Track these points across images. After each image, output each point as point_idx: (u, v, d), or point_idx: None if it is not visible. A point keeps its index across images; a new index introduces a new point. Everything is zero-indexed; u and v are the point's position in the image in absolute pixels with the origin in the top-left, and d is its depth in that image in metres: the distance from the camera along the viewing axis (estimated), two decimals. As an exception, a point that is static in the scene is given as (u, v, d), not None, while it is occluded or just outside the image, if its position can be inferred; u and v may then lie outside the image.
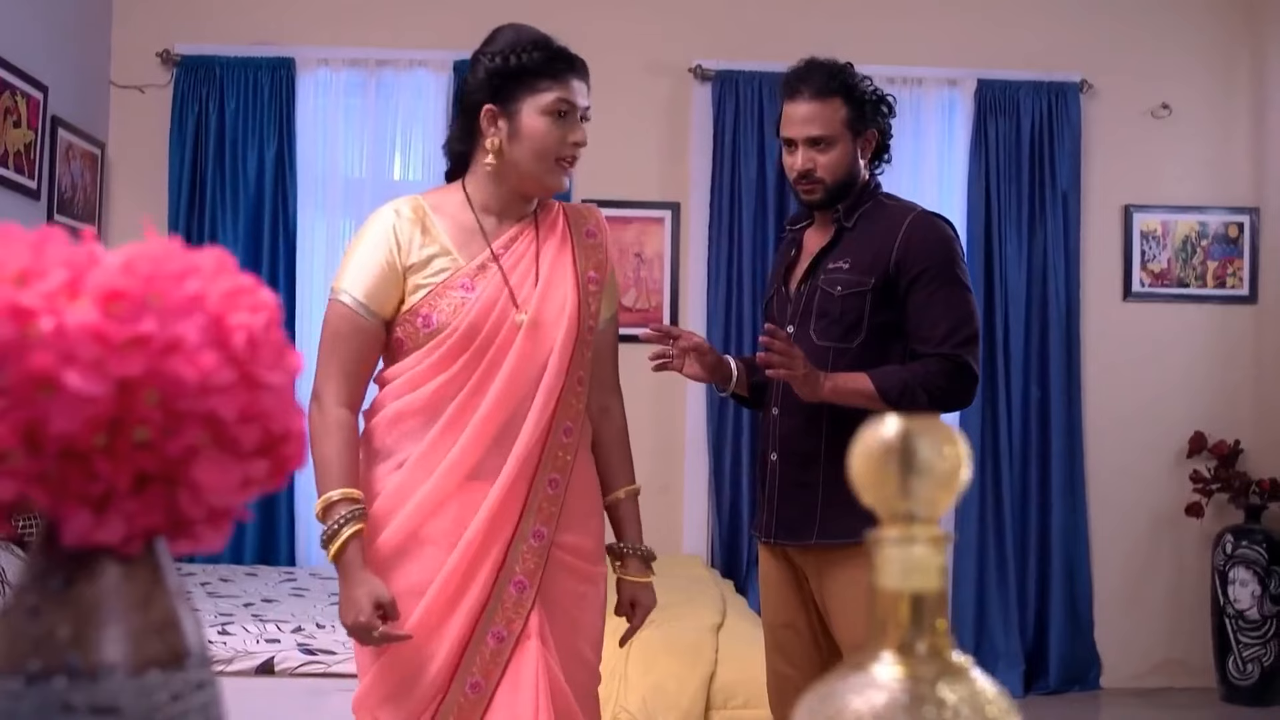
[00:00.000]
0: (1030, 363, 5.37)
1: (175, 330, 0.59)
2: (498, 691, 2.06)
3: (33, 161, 4.30)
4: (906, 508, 0.65)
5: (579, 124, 2.18)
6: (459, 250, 2.18)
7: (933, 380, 2.51)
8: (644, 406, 5.53)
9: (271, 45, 5.17)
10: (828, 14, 5.40)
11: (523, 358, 2.13)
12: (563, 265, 2.21)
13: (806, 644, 2.64)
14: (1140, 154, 5.51)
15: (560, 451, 2.16)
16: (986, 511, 5.32)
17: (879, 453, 0.65)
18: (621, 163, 5.34)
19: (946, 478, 0.65)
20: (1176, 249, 5.51)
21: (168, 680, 0.61)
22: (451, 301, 2.13)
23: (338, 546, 2.05)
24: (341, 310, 2.15)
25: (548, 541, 2.14)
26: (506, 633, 2.08)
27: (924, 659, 0.64)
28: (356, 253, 2.17)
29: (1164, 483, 5.40)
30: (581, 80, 2.20)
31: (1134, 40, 5.50)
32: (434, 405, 2.12)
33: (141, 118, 5.17)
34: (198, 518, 0.61)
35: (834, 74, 2.64)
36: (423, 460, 2.11)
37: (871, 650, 0.64)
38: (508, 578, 2.10)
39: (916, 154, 5.37)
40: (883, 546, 0.64)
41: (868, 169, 2.70)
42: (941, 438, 0.65)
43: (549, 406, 2.13)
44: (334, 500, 2.08)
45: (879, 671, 0.63)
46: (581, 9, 5.34)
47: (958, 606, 5.29)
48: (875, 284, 2.55)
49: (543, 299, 2.17)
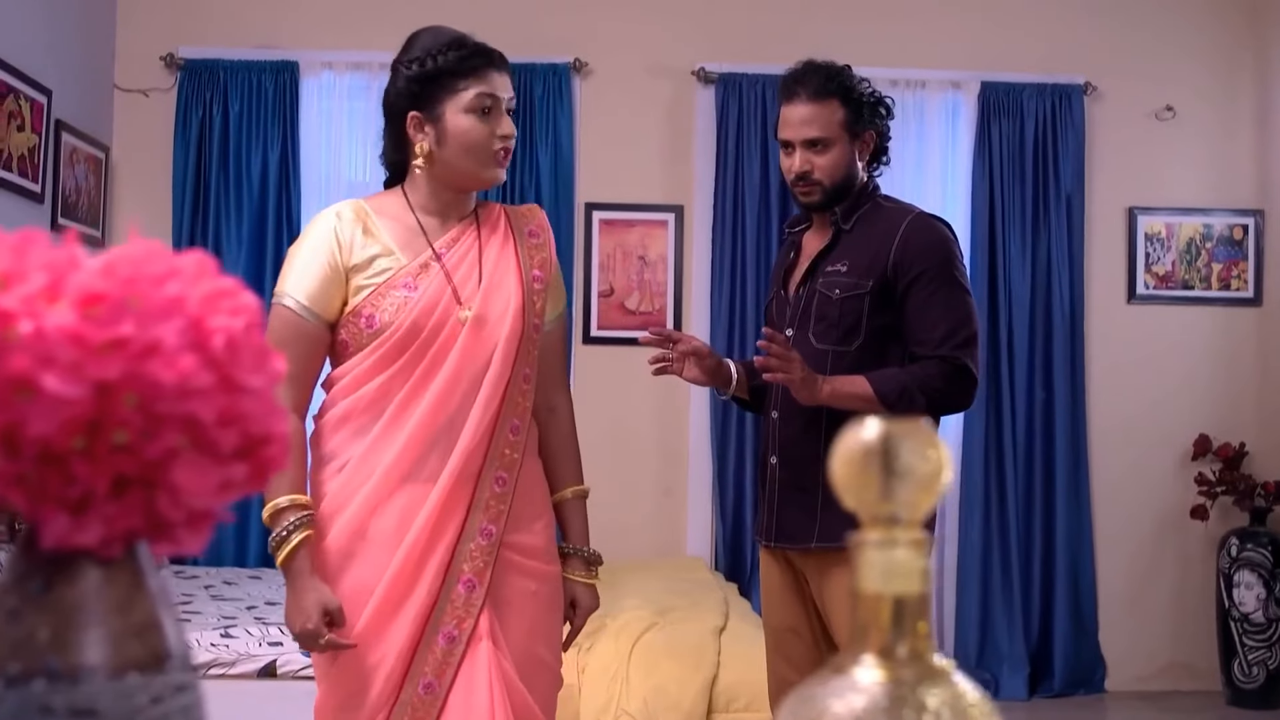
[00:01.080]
0: (1035, 365, 5.36)
1: (154, 333, 0.59)
2: (451, 693, 2.05)
3: (37, 165, 4.31)
4: (888, 511, 0.64)
5: (504, 116, 2.17)
6: (401, 250, 2.18)
7: (931, 383, 2.50)
8: (647, 410, 5.54)
9: (275, 49, 5.18)
10: (831, 16, 5.40)
11: (465, 355, 2.12)
12: (506, 263, 2.21)
13: (808, 647, 2.64)
14: (1144, 156, 5.50)
15: (507, 449, 2.15)
16: (991, 514, 5.31)
17: (860, 455, 0.65)
18: (625, 165, 5.35)
19: (928, 480, 0.65)
20: (1181, 251, 5.50)
21: (148, 683, 0.61)
22: (394, 300, 2.13)
23: (286, 553, 2.05)
24: (284, 314, 2.14)
25: (496, 540, 2.13)
26: (457, 632, 2.07)
27: (905, 662, 0.63)
28: (298, 256, 2.17)
29: (1169, 485, 5.39)
30: (501, 73, 2.18)
31: (1138, 42, 5.49)
32: (377, 404, 2.12)
33: (146, 121, 5.18)
34: (177, 520, 0.61)
35: (831, 75, 2.64)
36: (365, 459, 2.11)
37: (853, 653, 0.64)
38: (455, 577, 2.09)
39: (920, 157, 5.37)
40: (864, 550, 0.64)
41: (865, 171, 2.69)
42: (923, 440, 0.65)
43: (493, 404, 2.12)
44: (282, 507, 2.07)
45: (860, 675, 0.63)
46: (584, 13, 5.35)
47: (962, 609, 5.29)
48: (873, 287, 2.55)
49: (487, 296, 2.16)
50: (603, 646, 3.48)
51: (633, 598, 3.83)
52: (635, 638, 3.50)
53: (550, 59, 5.26)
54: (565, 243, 5.25)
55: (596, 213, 5.35)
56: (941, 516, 5.30)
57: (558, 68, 5.26)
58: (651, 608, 3.72)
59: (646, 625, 3.56)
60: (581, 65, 5.32)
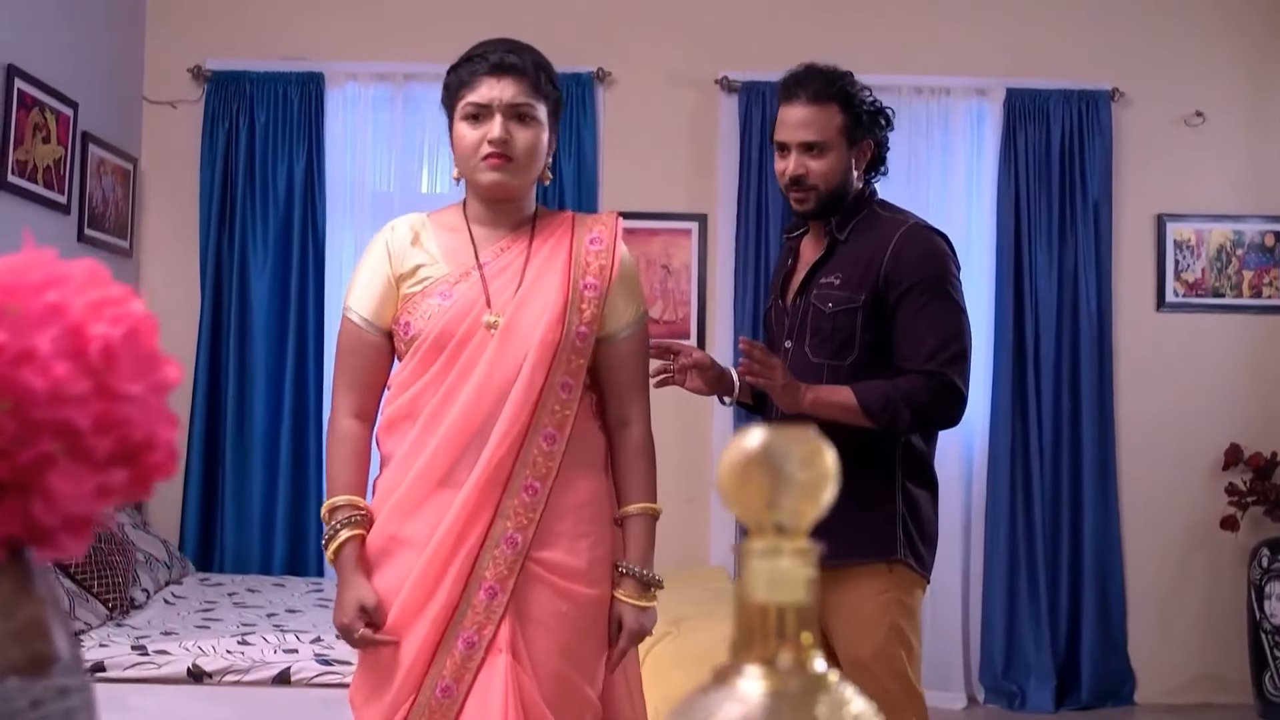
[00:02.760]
0: (1061, 374, 5.31)
1: (29, 340, 0.59)
2: (468, 701, 2.06)
3: (63, 177, 4.36)
4: (773, 519, 0.64)
5: (494, 120, 2.15)
6: (446, 259, 2.21)
7: (916, 396, 2.45)
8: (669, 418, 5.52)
9: (301, 60, 5.23)
10: (853, 24, 5.38)
11: (495, 362, 2.12)
12: (551, 272, 2.19)
13: None
14: (1173, 162, 5.44)
15: (540, 458, 2.13)
16: (1017, 524, 5.26)
17: (745, 464, 0.65)
18: (648, 175, 5.35)
19: (813, 489, 0.65)
20: (1211, 258, 5.43)
21: (28, 687, 0.62)
22: (429, 308, 2.16)
23: (334, 549, 2.14)
24: (347, 326, 2.24)
25: (522, 550, 2.11)
26: (477, 639, 2.07)
27: (789, 673, 0.63)
28: (360, 270, 2.25)
29: (1199, 495, 5.32)
30: (500, 78, 2.16)
31: (1166, 47, 5.44)
32: (413, 410, 2.16)
33: (173, 133, 5.24)
34: (55, 526, 0.61)
35: (832, 80, 2.60)
36: (402, 464, 2.15)
37: (736, 663, 0.64)
38: (477, 583, 2.09)
39: (945, 165, 5.34)
40: (749, 558, 0.64)
41: (861, 179, 2.65)
42: (809, 449, 0.64)
43: (524, 412, 2.11)
44: (337, 505, 2.16)
45: (743, 685, 0.63)
46: (607, 23, 5.36)
47: (988, 620, 5.24)
48: (865, 300, 2.51)
49: (520, 305, 2.16)
50: (615, 655, 3.47)
51: (649, 607, 3.82)
52: (648, 648, 3.48)
53: (574, 69, 5.26)
54: (588, 252, 5.26)
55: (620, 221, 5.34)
56: (967, 527, 5.26)
57: (581, 77, 5.28)
58: (666, 618, 3.68)
59: (660, 635, 3.55)
60: (605, 75, 5.33)
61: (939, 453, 5.15)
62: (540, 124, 2.20)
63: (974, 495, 5.27)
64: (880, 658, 2.51)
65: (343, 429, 2.22)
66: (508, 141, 2.15)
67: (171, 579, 4.60)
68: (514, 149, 2.16)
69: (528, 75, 2.19)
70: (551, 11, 5.33)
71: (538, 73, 2.21)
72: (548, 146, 2.24)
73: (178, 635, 3.70)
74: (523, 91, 2.17)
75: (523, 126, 2.17)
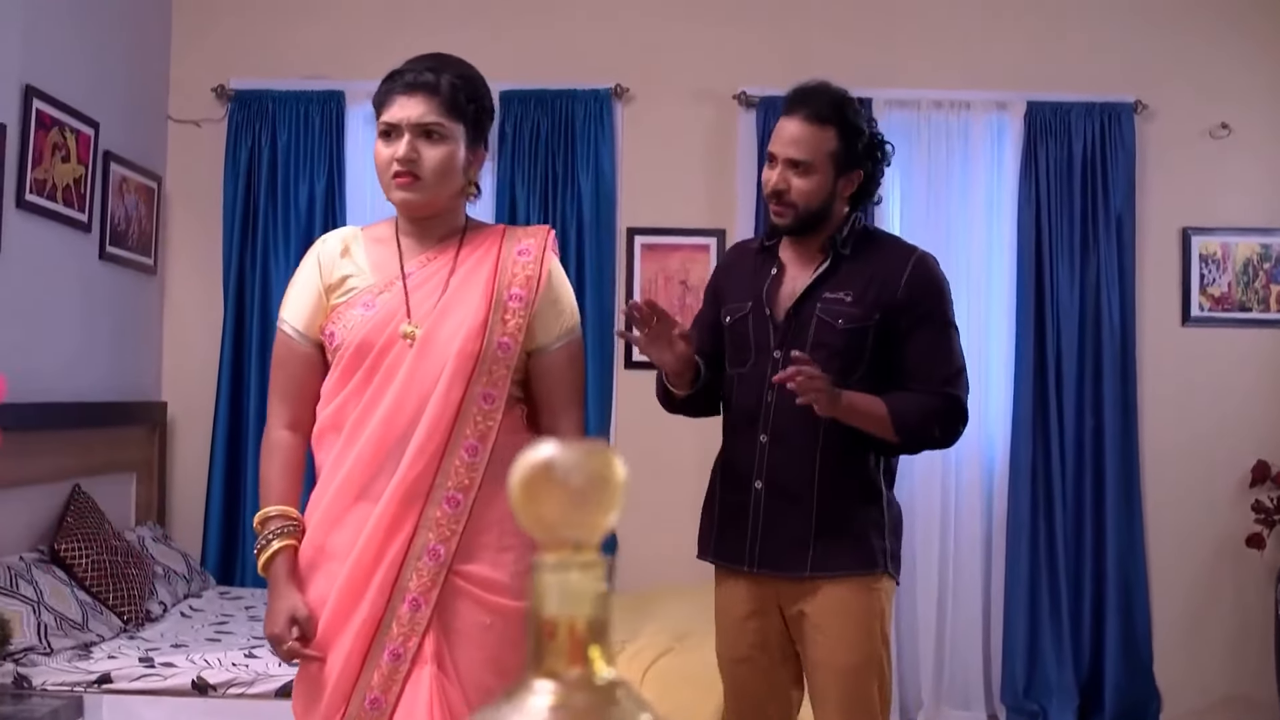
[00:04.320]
0: (1084, 390, 5.24)
1: None
2: (395, 712, 2.07)
3: (83, 195, 4.43)
4: (564, 534, 0.64)
5: (402, 140, 2.17)
6: (373, 271, 2.24)
7: (943, 417, 2.53)
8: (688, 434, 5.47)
9: (322, 80, 5.28)
10: (872, 38, 5.37)
11: (412, 375, 2.14)
12: (474, 283, 2.20)
13: (762, 676, 2.61)
14: (1198, 175, 5.37)
15: (462, 470, 2.13)
16: (1039, 541, 5.20)
17: (536, 477, 0.64)
18: (666, 190, 5.36)
19: (605, 503, 0.64)
20: (1237, 272, 5.35)
21: None
22: (352, 318, 2.19)
23: (265, 559, 2.17)
24: (280, 337, 2.28)
25: (445, 561, 2.12)
26: (403, 650, 2.09)
27: (577, 686, 0.63)
28: (294, 283, 2.28)
29: (1225, 513, 5.24)
30: (410, 96, 2.18)
31: (1190, 59, 5.38)
32: (338, 422, 2.18)
33: (197, 151, 5.31)
34: None
35: (834, 102, 2.57)
36: (328, 475, 2.18)
37: (526, 678, 0.64)
38: (401, 595, 2.11)
39: (965, 179, 5.31)
40: (540, 573, 0.64)
41: (847, 206, 2.63)
42: (600, 463, 0.64)
43: (440, 425, 2.12)
44: (269, 515, 2.18)
45: (531, 701, 0.63)
46: (625, 38, 5.38)
47: (1009, 638, 5.18)
48: (878, 320, 2.51)
49: (440, 316, 2.17)
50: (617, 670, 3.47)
51: (656, 622, 3.82)
52: (649, 663, 3.48)
53: (591, 85, 5.30)
54: (607, 268, 5.28)
55: (638, 237, 5.36)
56: (988, 544, 5.21)
57: (599, 93, 5.30)
58: (670, 633, 3.70)
59: (662, 650, 3.55)
60: (623, 91, 5.34)
61: (956, 470, 5.19)
62: (452, 141, 2.20)
63: (995, 512, 5.22)
64: (870, 665, 2.52)
65: (275, 439, 2.24)
66: (415, 160, 2.17)
67: (191, 592, 4.65)
68: (421, 168, 2.17)
69: (440, 93, 2.19)
70: (570, 29, 5.36)
71: (453, 90, 2.20)
72: (467, 162, 2.24)
73: (187, 648, 3.74)
74: (432, 110, 2.18)
75: (431, 145, 2.18)
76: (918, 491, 5.17)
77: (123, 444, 4.84)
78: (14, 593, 3.59)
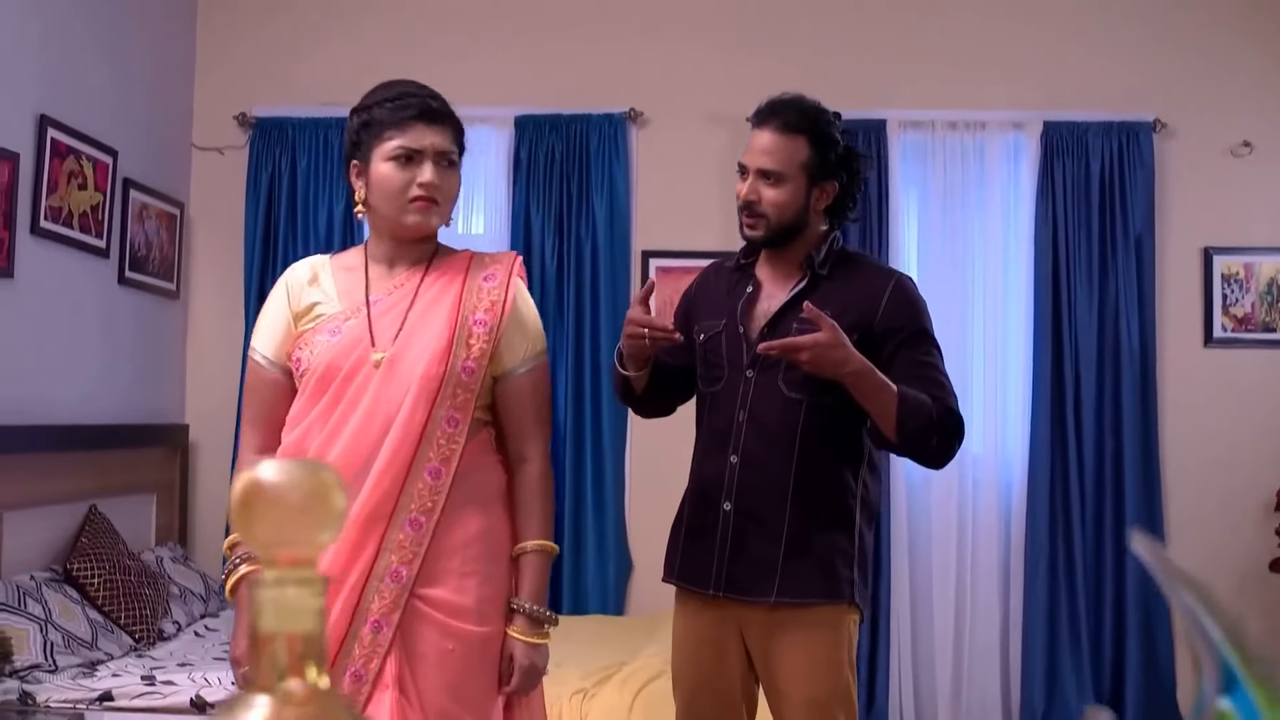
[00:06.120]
0: (1104, 412, 5.19)
1: None
2: None
3: (100, 222, 4.53)
4: (281, 550, 0.66)
5: (429, 166, 2.20)
6: (341, 298, 2.26)
7: (943, 428, 2.43)
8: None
9: (341, 107, 5.29)
10: (886, 59, 5.37)
11: (377, 399, 2.16)
12: (439, 308, 2.23)
13: (715, 703, 2.57)
14: (1220, 194, 5.31)
15: (425, 493, 2.15)
16: (1058, 565, 5.14)
17: (253, 494, 0.66)
18: (681, 213, 5.38)
19: (322, 521, 0.66)
20: (1261, 292, 5.28)
21: None
22: (318, 345, 2.21)
23: (232, 582, 2.18)
24: (250, 364, 2.31)
25: (407, 584, 2.13)
26: (364, 672, 2.10)
27: (296, 702, 0.64)
28: (264, 311, 2.32)
29: (1248, 537, 5.15)
30: (433, 126, 2.22)
31: (1210, 76, 5.32)
32: (303, 446, 2.19)
33: (219, 178, 5.41)
34: None
35: (806, 113, 2.54)
36: None
37: (245, 694, 0.65)
38: (363, 617, 2.12)
39: (981, 199, 5.29)
40: (257, 589, 0.65)
41: (823, 220, 2.61)
42: (315, 481, 0.66)
43: (403, 448, 2.14)
44: (237, 540, 2.19)
45: (247, 717, 0.64)
46: (639, 62, 5.42)
47: (1028, 661, 5.12)
48: (857, 341, 2.42)
49: (405, 341, 2.19)
50: (606, 694, 3.47)
51: (654, 644, 3.81)
52: (640, 686, 3.48)
53: (606, 109, 5.34)
54: (621, 290, 5.30)
55: (653, 260, 5.38)
56: (1005, 567, 5.16)
57: (613, 117, 5.33)
58: (664, 655, 3.68)
59: (654, 674, 3.53)
60: (637, 114, 5.38)
61: (973, 491, 5.14)
62: (458, 170, 2.28)
63: (1013, 534, 5.17)
64: (838, 695, 2.48)
65: (246, 465, 2.24)
66: (439, 187, 2.21)
67: (208, 612, 4.71)
68: (441, 193, 2.23)
69: (453, 123, 2.26)
70: (584, 54, 5.41)
71: (455, 121, 2.28)
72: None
73: (191, 666, 3.79)
74: (448, 139, 2.25)
75: (448, 172, 2.24)
76: (934, 513, 5.14)
77: (144, 466, 4.92)
78: (21, 611, 3.66)
